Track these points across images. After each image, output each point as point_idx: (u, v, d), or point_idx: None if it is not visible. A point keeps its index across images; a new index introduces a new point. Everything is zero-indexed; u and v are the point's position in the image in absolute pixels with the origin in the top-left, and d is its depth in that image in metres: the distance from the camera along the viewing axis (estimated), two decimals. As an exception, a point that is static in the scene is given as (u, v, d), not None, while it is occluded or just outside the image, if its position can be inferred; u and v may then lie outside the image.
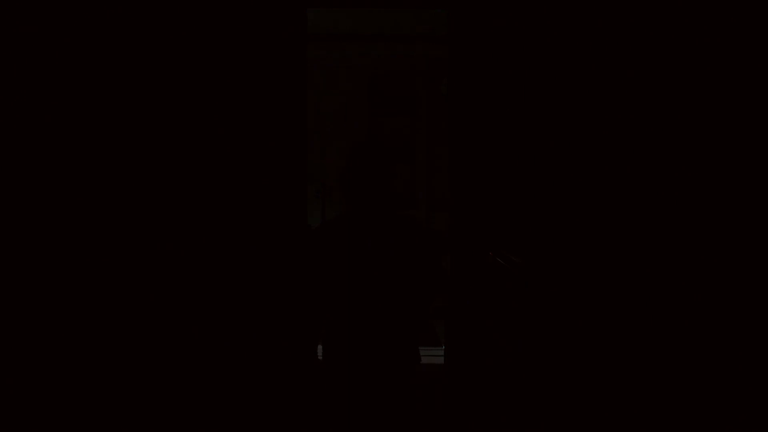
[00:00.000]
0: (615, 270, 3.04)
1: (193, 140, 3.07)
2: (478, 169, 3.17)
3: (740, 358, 2.96)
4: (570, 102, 3.09)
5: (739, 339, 2.97)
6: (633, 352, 3.00)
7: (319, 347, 2.54)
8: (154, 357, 3.02)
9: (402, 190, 7.62)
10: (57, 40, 2.99)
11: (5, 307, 2.95)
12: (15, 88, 2.96)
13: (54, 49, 2.99)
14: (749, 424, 2.91)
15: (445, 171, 4.19)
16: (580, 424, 3.02)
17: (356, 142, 2.39)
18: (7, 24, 2.97)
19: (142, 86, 3.04)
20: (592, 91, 3.07)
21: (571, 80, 3.08)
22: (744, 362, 2.96)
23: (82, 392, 2.97)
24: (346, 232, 2.32)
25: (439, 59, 7.55)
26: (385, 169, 2.36)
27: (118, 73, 3.02)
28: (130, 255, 3.00)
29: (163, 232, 3.03)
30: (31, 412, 2.94)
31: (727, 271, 2.98)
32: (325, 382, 2.37)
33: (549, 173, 3.10)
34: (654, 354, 2.99)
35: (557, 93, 3.09)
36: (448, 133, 3.32)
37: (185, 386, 3.03)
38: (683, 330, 2.98)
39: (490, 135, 3.15)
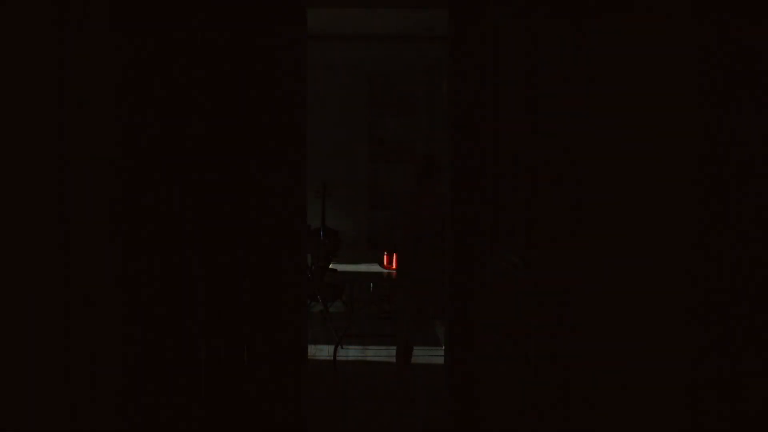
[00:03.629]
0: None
1: (191, 140, 3.07)
2: (478, 168, 3.17)
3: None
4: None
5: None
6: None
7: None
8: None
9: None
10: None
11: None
12: None
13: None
14: None
15: (444, 171, 4.20)
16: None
17: (423, 156, 4.74)
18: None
19: (143, 87, 3.04)
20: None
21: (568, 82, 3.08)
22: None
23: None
24: (418, 200, 4.66)
25: (439, 59, 7.56)
26: (436, 169, 4.63)
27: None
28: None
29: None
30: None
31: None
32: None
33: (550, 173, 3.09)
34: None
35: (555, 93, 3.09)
36: (448, 133, 3.33)
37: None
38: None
39: (490, 134, 3.15)
